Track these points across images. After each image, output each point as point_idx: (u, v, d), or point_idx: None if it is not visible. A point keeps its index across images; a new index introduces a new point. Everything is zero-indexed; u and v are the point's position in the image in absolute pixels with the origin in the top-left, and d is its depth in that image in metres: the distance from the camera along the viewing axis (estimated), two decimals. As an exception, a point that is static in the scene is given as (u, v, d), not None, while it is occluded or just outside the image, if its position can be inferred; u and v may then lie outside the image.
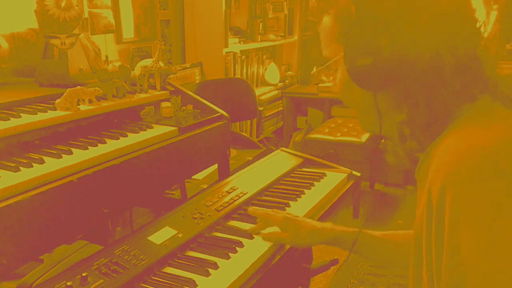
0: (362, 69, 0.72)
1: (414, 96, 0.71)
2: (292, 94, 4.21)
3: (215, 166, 1.70)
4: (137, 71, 1.58)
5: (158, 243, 1.15)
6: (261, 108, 3.75)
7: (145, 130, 1.38)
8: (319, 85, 4.01)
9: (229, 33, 3.36)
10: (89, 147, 1.21)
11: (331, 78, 0.84)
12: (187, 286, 1.03)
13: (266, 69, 4.08)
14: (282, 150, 1.86)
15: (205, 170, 1.77)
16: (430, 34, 0.69)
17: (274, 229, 1.21)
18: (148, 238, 1.17)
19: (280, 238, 1.18)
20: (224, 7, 3.19)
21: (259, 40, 3.82)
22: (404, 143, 0.75)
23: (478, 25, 0.72)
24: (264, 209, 1.29)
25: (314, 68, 0.88)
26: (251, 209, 1.29)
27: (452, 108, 0.70)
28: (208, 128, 1.52)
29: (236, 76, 3.52)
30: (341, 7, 0.74)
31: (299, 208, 1.41)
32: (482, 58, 0.72)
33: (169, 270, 1.10)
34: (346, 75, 0.76)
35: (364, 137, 3.35)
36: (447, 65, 0.69)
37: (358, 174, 1.70)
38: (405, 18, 0.69)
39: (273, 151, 1.86)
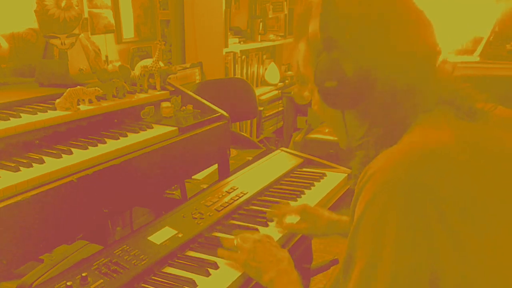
0: (330, 91, 0.80)
1: (373, 113, 0.80)
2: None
3: (215, 166, 1.70)
4: (137, 71, 1.58)
5: (158, 243, 1.15)
6: (261, 108, 3.74)
7: (145, 130, 1.38)
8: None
9: (229, 33, 3.36)
10: (89, 147, 1.21)
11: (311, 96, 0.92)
12: (187, 286, 1.03)
13: (266, 69, 4.08)
14: (282, 150, 1.86)
15: (205, 170, 1.77)
16: (385, 62, 0.77)
17: (291, 219, 1.27)
18: (148, 238, 1.17)
19: (298, 228, 1.25)
20: (224, 7, 3.19)
21: (259, 40, 3.82)
22: (367, 153, 0.82)
23: (433, 42, 0.80)
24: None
25: (294, 89, 0.97)
26: (270, 212, 1.34)
27: (405, 123, 0.77)
28: (208, 128, 1.52)
29: (236, 76, 3.51)
30: (310, 35, 0.81)
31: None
32: (436, 77, 0.79)
33: (169, 270, 1.10)
34: (318, 96, 0.84)
35: (364, 137, 3.35)
36: (399, 89, 0.77)
37: (358, 174, 1.70)
38: (364, 48, 0.76)
39: (273, 151, 1.86)
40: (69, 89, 1.28)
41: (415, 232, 0.65)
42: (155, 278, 1.06)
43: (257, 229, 1.27)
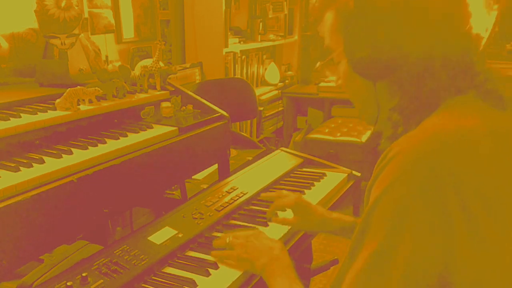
0: (362, 60, 0.77)
1: (406, 85, 0.76)
2: (292, 94, 4.21)
3: (215, 166, 1.70)
4: (137, 71, 1.58)
5: (158, 243, 1.15)
6: (261, 108, 3.74)
7: (145, 130, 1.38)
8: (319, 85, 4.01)
9: (229, 33, 3.36)
10: (89, 147, 1.21)
11: (334, 73, 0.89)
12: (187, 286, 1.03)
13: (266, 69, 4.08)
14: (282, 150, 1.86)
15: (205, 170, 1.77)
16: (422, 31, 0.73)
17: (286, 214, 1.26)
18: (148, 238, 1.17)
19: (290, 222, 1.24)
20: (224, 7, 3.19)
21: (259, 40, 3.82)
22: (395, 129, 0.80)
23: (471, 24, 0.76)
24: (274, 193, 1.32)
25: (318, 63, 0.92)
26: (263, 194, 1.35)
27: (437, 99, 0.75)
28: (208, 128, 1.52)
29: (236, 76, 3.51)
30: (341, 2, 0.79)
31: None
32: (472, 56, 0.76)
33: (169, 270, 1.10)
34: (348, 66, 0.81)
35: (364, 137, 3.35)
36: (437, 60, 0.74)
37: (358, 174, 1.70)
38: (400, 15, 0.73)
39: (273, 151, 1.86)
40: (69, 89, 1.28)
41: (434, 219, 0.63)
42: (155, 278, 1.06)
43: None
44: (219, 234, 1.25)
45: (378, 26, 0.74)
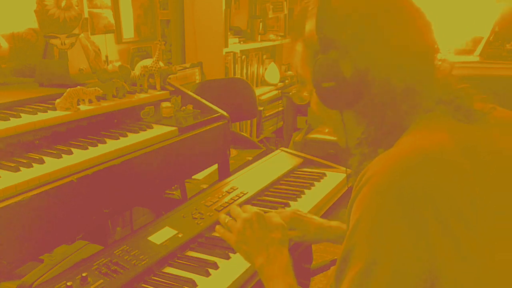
0: (328, 91, 0.80)
1: (370, 112, 0.80)
2: (292, 94, 4.20)
3: (215, 166, 1.70)
4: (137, 71, 1.58)
5: (158, 243, 1.15)
6: (261, 108, 3.74)
7: (145, 130, 1.38)
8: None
9: (229, 33, 3.36)
10: (89, 147, 1.21)
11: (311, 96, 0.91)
12: (187, 286, 1.03)
13: (266, 69, 4.08)
14: (282, 150, 1.86)
15: (205, 170, 1.77)
16: (382, 58, 0.76)
17: None
18: (148, 238, 1.17)
19: (291, 236, 1.20)
20: (224, 7, 3.19)
21: (259, 40, 3.82)
22: (364, 156, 0.82)
23: (432, 43, 0.79)
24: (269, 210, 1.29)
25: (293, 90, 0.96)
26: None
27: (405, 121, 0.77)
28: (208, 128, 1.52)
29: (236, 76, 3.51)
30: (306, 36, 0.82)
31: (300, 208, 1.41)
32: (433, 79, 0.79)
33: (169, 270, 1.10)
34: (316, 96, 0.84)
35: (364, 137, 3.35)
36: (397, 90, 0.76)
37: (358, 174, 1.70)
38: (359, 44, 0.76)
39: (273, 151, 1.86)
40: (69, 89, 1.28)
41: (413, 236, 0.64)
42: (155, 278, 1.06)
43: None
44: (219, 234, 1.25)
45: (340, 59, 0.77)
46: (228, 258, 1.13)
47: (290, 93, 0.98)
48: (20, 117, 1.20)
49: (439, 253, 0.64)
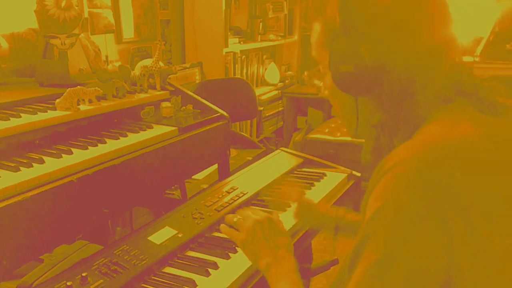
0: (345, 75, 0.78)
1: (388, 101, 0.78)
2: (292, 94, 4.21)
3: (215, 166, 1.70)
4: (137, 71, 1.58)
5: (158, 243, 1.15)
6: (261, 108, 3.74)
7: (145, 130, 1.38)
8: (320, 85, 4.00)
9: (229, 33, 3.36)
10: (89, 147, 1.21)
11: (321, 82, 0.91)
12: (187, 286, 1.03)
13: (266, 69, 4.08)
14: (282, 150, 1.86)
15: (205, 170, 1.77)
16: (404, 47, 0.74)
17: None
18: (148, 238, 1.17)
19: (293, 214, 1.23)
20: (224, 7, 3.19)
21: (259, 40, 3.82)
22: (377, 144, 0.82)
23: (454, 37, 0.77)
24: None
25: (305, 72, 0.96)
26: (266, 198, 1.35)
27: (422, 111, 0.76)
28: (208, 128, 1.52)
29: (236, 76, 3.51)
30: (328, 17, 0.79)
31: (299, 208, 1.41)
32: (455, 69, 0.77)
33: (169, 270, 1.10)
34: (331, 80, 0.82)
35: (364, 137, 3.35)
36: (417, 80, 0.75)
37: (358, 174, 1.70)
38: (383, 31, 0.74)
39: (273, 151, 1.86)
40: (69, 89, 1.28)
41: (434, 232, 0.63)
42: (155, 278, 1.06)
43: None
44: (219, 234, 1.25)
45: (363, 41, 0.75)
46: (228, 258, 1.13)
47: (305, 73, 0.96)
48: (20, 117, 1.20)
49: (459, 250, 0.63)
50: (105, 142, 1.26)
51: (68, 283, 0.97)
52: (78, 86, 1.30)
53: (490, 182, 0.66)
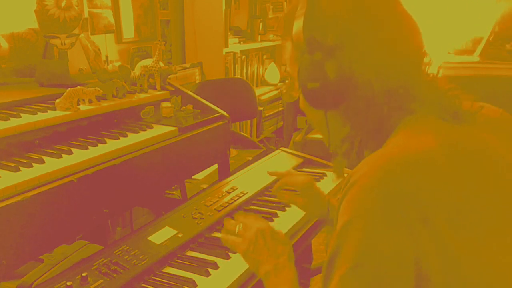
0: (312, 91, 0.80)
1: (354, 114, 0.80)
2: (292, 94, 4.20)
3: (215, 166, 1.70)
4: (137, 71, 1.58)
5: (158, 243, 1.15)
6: (261, 108, 3.74)
7: (145, 130, 1.38)
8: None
9: (229, 33, 3.36)
10: (89, 147, 1.21)
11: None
12: (187, 286, 1.03)
13: (266, 69, 4.08)
14: (282, 150, 1.86)
15: (205, 170, 1.77)
16: (366, 64, 0.76)
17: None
18: (148, 238, 1.17)
19: (294, 201, 1.24)
20: (224, 7, 3.19)
21: (259, 40, 3.82)
22: (347, 158, 0.84)
23: (417, 45, 0.79)
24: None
25: (281, 86, 0.96)
26: (271, 171, 1.34)
27: (389, 123, 0.78)
28: (208, 128, 1.52)
29: (236, 76, 3.51)
30: (294, 36, 0.82)
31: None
32: (418, 81, 0.79)
33: (169, 270, 1.10)
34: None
35: (364, 137, 3.35)
36: (379, 91, 0.76)
37: (358, 174, 1.70)
38: (347, 49, 0.76)
39: (273, 151, 1.86)
40: (69, 89, 1.28)
41: (399, 239, 0.65)
42: (155, 278, 1.06)
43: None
44: (219, 234, 1.25)
45: (328, 59, 0.77)
46: (228, 258, 1.13)
47: (278, 90, 0.99)
48: (20, 117, 1.20)
49: (426, 255, 0.65)
50: (105, 142, 1.26)
51: (68, 283, 0.97)
52: (78, 86, 1.30)
53: (450, 189, 0.68)
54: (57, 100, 1.28)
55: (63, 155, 1.15)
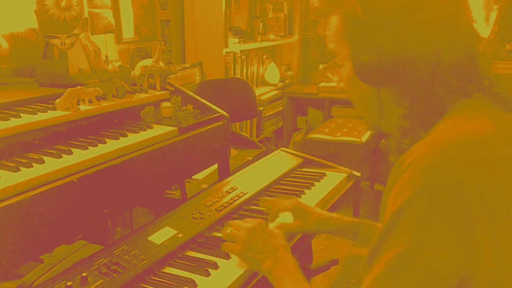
0: (367, 66, 0.76)
1: (414, 90, 0.76)
2: (292, 94, 4.21)
3: (215, 166, 1.70)
4: (137, 71, 1.58)
5: (158, 243, 1.15)
6: (261, 108, 3.74)
7: (145, 130, 1.38)
8: (319, 85, 4.01)
9: (229, 33, 3.36)
10: (89, 147, 1.21)
11: (336, 75, 0.89)
12: (187, 286, 1.03)
13: (266, 69, 4.08)
14: (282, 150, 1.86)
15: (205, 170, 1.77)
16: (429, 34, 0.73)
17: (285, 218, 1.23)
18: (148, 238, 1.17)
19: (289, 227, 1.22)
20: (224, 7, 3.19)
21: (259, 40, 3.82)
22: (405, 137, 0.79)
23: (475, 27, 0.77)
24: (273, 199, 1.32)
25: (321, 65, 0.92)
26: (261, 200, 1.35)
27: (447, 102, 0.74)
28: (208, 128, 1.52)
29: (236, 76, 3.52)
30: (348, 7, 0.78)
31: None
32: (478, 58, 0.76)
33: (169, 270, 1.10)
34: (352, 71, 0.80)
35: (364, 137, 3.35)
36: (445, 64, 0.73)
37: (358, 174, 1.70)
38: (407, 19, 0.73)
39: (273, 151, 1.86)
40: (69, 89, 1.28)
41: (458, 226, 0.63)
42: (155, 278, 1.06)
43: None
44: (219, 234, 1.25)
45: (385, 31, 0.73)
46: (228, 258, 1.13)
47: (320, 67, 0.93)
48: (20, 117, 1.20)
49: (480, 244, 0.63)
50: (105, 142, 1.26)
51: (68, 283, 0.97)
52: (78, 86, 1.30)
53: (509, 177, 0.66)
54: (57, 100, 1.28)
55: (63, 155, 1.14)
